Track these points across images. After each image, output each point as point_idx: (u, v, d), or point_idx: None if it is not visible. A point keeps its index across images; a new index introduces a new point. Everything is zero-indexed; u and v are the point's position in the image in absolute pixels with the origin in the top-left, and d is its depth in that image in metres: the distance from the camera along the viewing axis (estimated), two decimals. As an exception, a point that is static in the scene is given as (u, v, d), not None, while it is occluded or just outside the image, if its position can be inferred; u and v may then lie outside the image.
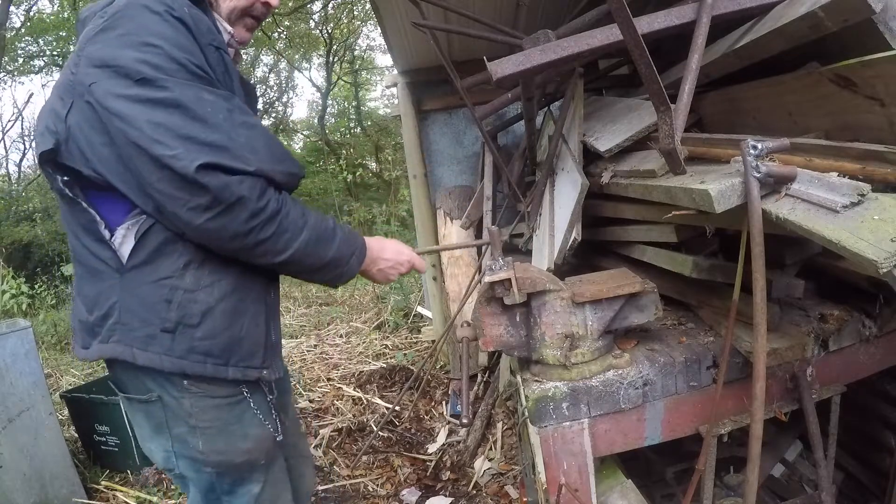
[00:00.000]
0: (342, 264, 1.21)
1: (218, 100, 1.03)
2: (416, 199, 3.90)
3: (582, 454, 1.39)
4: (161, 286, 1.08)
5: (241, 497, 1.22)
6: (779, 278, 1.44)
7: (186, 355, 1.09)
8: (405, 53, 3.42)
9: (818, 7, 1.22)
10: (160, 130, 0.96)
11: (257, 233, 1.05)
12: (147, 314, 1.08)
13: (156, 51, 0.99)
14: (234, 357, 1.14)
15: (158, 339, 1.08)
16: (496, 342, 1.46)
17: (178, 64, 1.01)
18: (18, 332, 2.48)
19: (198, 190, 0.98)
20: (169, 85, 0.98)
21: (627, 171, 1.68)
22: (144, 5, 1.03)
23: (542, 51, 1.58)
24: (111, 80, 0.99)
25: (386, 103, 16.31)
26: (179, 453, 1.17)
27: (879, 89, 1.14)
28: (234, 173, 1.00)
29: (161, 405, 1.14)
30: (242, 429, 1.19)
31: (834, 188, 1.02)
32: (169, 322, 1.07)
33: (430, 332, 4.55)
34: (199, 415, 1.13)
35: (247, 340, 1.16)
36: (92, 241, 1.10)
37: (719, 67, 1.65)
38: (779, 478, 1.89)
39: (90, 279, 1.12)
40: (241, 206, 1.01)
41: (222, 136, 1.00)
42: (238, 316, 1.15)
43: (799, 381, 1.41)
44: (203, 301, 1.10)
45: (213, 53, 1.09)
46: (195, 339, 1.09)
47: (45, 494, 2.47)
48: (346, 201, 10.89)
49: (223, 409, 1.16)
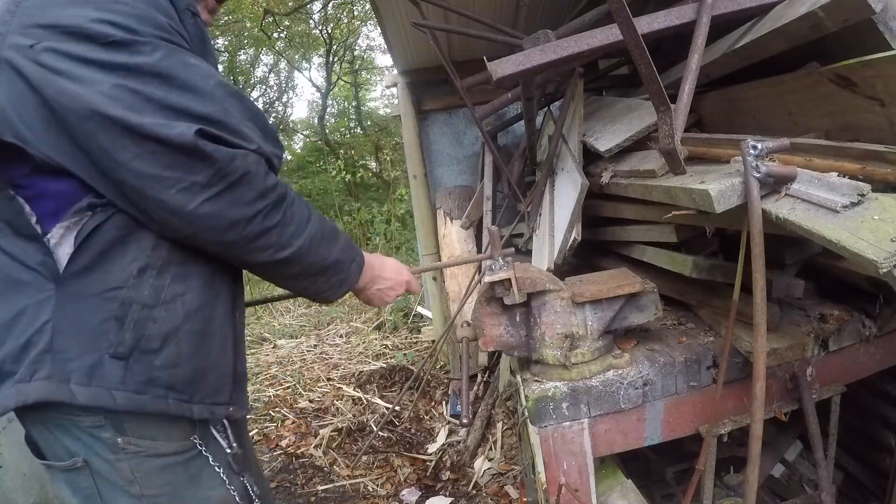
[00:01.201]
0: (344, 269, 1.04)
1: (206, 66, 0.86)
2: (416, 199, 3.90)
3: (582, 454, 1.39)
4: (110, 299, 0.83)
5: None
6: (779, 278, 1.44)
7: (145, 388, 0.85)
8: (405, 53, 3.42)
9: (818, 7, 1.22)
10: (138, 99, 0.76)
11: (262, 219, 0.86)
12: (91, 336, 0.83)
13: (125, 9, 0.80)
14: (200, 391, 0.91)
15: (106, 367, 0.83)
16: (496, 342, 1.46)
17: (153, 25, 0.81)
18: (18, 332, 2.48)
19: (197, 163, 0.79)
20: (145, 49, 0.78)
21: (627, 171, 1.68)
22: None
23: (542, 51, 1.58)
24: (64, 43, 0.76)
25: (386, 103, 16.31)
26: None
27: (879, 89, 1.14)
28: (236, 147, 0.83)
29: (89, 472, 0.87)
30: (201, 491, 0.94)
31: (834, 188, 1.02)
32: (122, 346, 0.83)
33: (430, 332, 4.56)
34: (143, 480, 0.88)
35: (213, 371, 0.94)
36: (14, 241, 0.85)
37: (719, 67, 1.65)
38: (779, 478, 1.89)
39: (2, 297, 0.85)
40: (246, 184, 0.83)
41: (217, 108, 0.82)
42: (206, 339, 0.92)
43: (799, 381, 1.41)
44: (164, 320, 0.86)
45: (190, 19, 0.92)
46: (154, 367, 0.86)
47: (45, 494, 2.47)
48: (346, 201, 10.88)
49: (174, 468, 0.91)
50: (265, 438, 3.25)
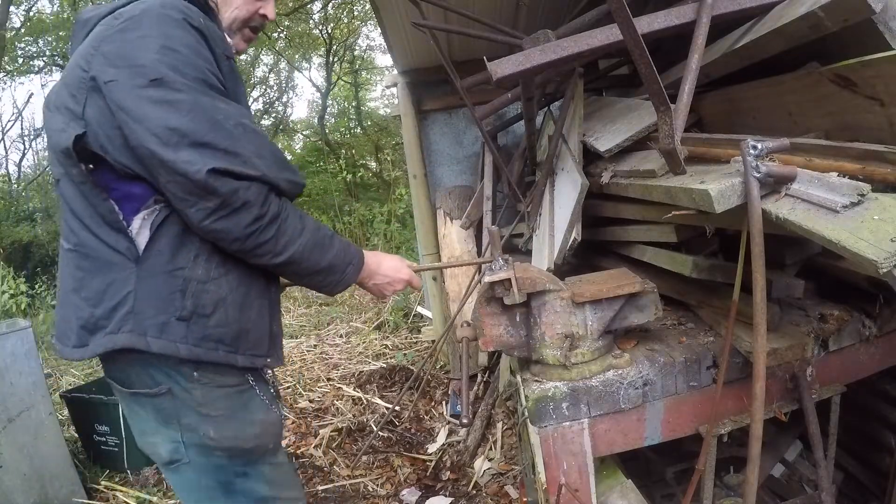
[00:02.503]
0: (338, 272, 1.26)
1: (230, 108, 1.08)
2: (415, 199, 3.90)
3: (582, 454, 1.39)
4: (175, 276, 1.11)
5: (253, 479, 1.25)
6: (779, 278, 1.44)
7: (200, 343, 1.13)
8: (405, 53, 3.42)
9: (818, 7, 1.22)
10: (173, 135, 1.00)
11: (258, 235, 1.10)
12: (162, 303, 1.10)
13: (176, 55, 1.04)
14: (242, 345, 1.19)
15: (173, 326, 1.11)
16: (496, 342, 1.46)
17: (196, 71, 1.06)
18: (18, 332, 2.48)
19: (207, 194, 1.02)
20: (185, 89, 1.02)
21: (627, 171, 1.68)
22: (164, 13, 1.07)
23: (542, 51, 1.58)
24: (129, 78, 1.02)
25: (386, 103, 16.30)
26: (189, 442, 1.18)
27: (879, 89, 1.14)
28: (242, 178, 1.05)
29: (171, 396, 1.16)
30: (250, 415, 1.23)
31: (834, 188, 1.02)
32: (184, 311, 1.11)
33: (430, 332, 4.56)
34: (209, 404, 1.17)
35: (253, 331, 1.21)
36: (108, 232, 1.12)
37: (719, 67, 1.65)
38: (779, 478, 1.89)
39: (98, 272, 1.13)
40: (245, 210, 1.06)
41: (233, 143, 1.05)
42: (245, 308, 1.19)
43: (799, 381, 1.41)
44: (214, 292, 1.14)
45: (225, 63, 1.16)
46: (208, 327, 1.13)
47: (44, 494, 2.47)
48: (346, 201, 10.88)
49: (231, 397, 1.20)
50: (265, 438, 3.25)
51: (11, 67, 13.53)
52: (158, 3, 1.09)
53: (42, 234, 10.42)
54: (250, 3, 1.32)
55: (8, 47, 12.44)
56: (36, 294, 7.38)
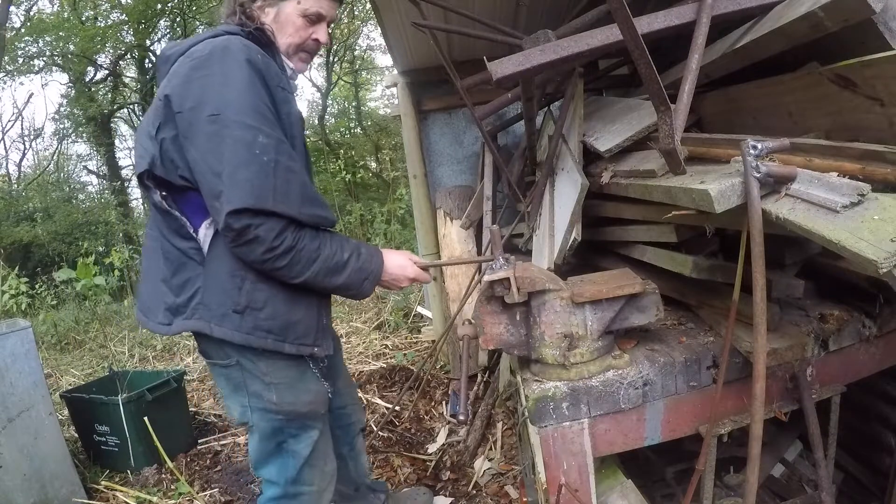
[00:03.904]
0: (354, 288, 1.45)
1: (270, 142, 1.25)
2: (415, 199, 3.90)
3: (582, 454, 1.39)
4: (234, 276, 1.34)
5: (303, 440, 1.52)
6: (779, 278, 1.44)
7: (252, 332, 1.35)
8: (405, 53, 3.42)
9: (818, 7, 1.22)
10: (216, 167, 1.22)
11: (272, 263, 1.29)
12: (223, 297, 1.34)
13: (232, 93, 1.23)
14: (290, 335, 1.40)
15: (230, 317, 1.34)
16: (496, 340, 1.46)
17: (248, 107, 1.23)
18: (18, 332, 2.48)
19: (226, 228, 1.24)
20: (231, 126, 1.21)
21: (627, 171, 1.68)
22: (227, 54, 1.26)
23: (542, 51, 1.58)
24: (193, 112, 1.23)
25: (386, 103, 16.31)
26: (254, 406, 1.45)
27: (879, 89, 1.14)
28: (259, 215, 1.23)
29: (240, 368, 1.41)
30: (305, 385, 1.49)
31: (834, 188, 1.02)
32: (239, 305, 1.34)
33: (430, 332, 4.56)
34: (272, 373, 1.42)
35: (302, 323, 1.42)
36: (181, 240, 1.37)
37: (719, 67, 1.65)
38: (779, 478, 1.89)
39: (178, 270, 1.38)
40: (258, 244, 1.25)
41: (262, 179, 1.22)
42: (294, 304, 1.40)
43: (799, 381, 1.41)
44: (265, 290, 1.35)
45: (280, 94, 1.33)
46: (259, 319, 1.35)
47: (44, 494, 2.47)
48: (346, 201, 10.87)
49: (291, 368, 1.45)
50: (265, 438, 3.26)
51: (12, 67, 13.53)
52: (222, 46, 1.27)
53: (42, 235, 10.42)
54: (303, 31, 1.48)
55: (8, 47, 12.44)
56: (36, 294, 7.38)
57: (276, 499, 1.54)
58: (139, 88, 15.29)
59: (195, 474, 2.90)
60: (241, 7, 1.41)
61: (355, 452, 1.96)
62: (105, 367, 4.42)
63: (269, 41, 1.41)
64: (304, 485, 1.54)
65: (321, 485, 1.60)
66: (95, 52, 13.71)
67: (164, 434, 2.72)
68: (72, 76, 14.64)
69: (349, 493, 1.97)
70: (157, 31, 14.46)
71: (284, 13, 1.45)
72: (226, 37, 1.30)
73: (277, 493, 1.53)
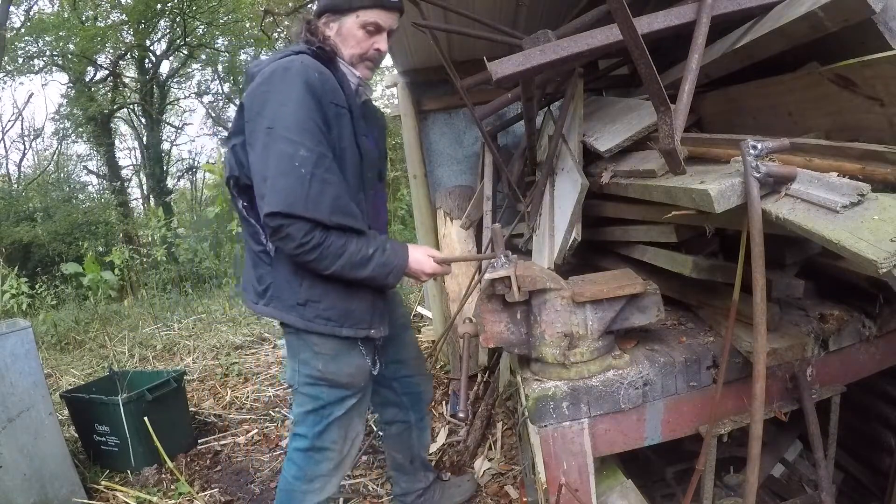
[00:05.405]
0: (379, 280, 1.59)
1: (310, 156, 1.41)
2: (416, 199, 3.89)
3: (582, 454, 1.39)
4: (296, 274, 1.57)
5: (342, 407, 1.69)
6: (779, 278, 1.44)
7: (313, 319, 1.59)
8: (405, 53, 3.42)
9: (818, 7, 1.22)
10: (264, 173, 1.42)
11: (303, 256, 1.47)
12: (289, 293, 1.58)
13: (286, 110, 1.40)
14: (347, 322, 1.62)
15: (296, 308, 1.58)
16: (497, 339, 1.46)
17: (295, 123, 1.40)
18: (18, 332, 2.48)
19: (271, 228, 1.44)
20: (278, 140, 1.39)
21: (627, 171, 1.68)
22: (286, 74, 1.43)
23: (542, 51, 1.58)
24: (255, 124, 1.44)
25: (386, 103, 16.27)
26: (301, 371, 1.65)
27: (879, 89, 1.14)
28: (291, 217, 1.39)
29: (297, 336, 1.64)
30: (349, 359, 1.66)
31: (834, 188, 1.02)
32: (301, 299, 1.57)
33: (430, 332, 4.55)
34: (322, 345, 1.62)
35: (356, 310, 1.63)
36: (255, 244, 1.63)
37: (719, 67, 1.65)
38: (779, 478, 1.89)
39: (255, 266, 1.65)
40: (289, 240, 1.43)
41: (299, 187, 1.39)
42: (348, 294, 1.60)
43: (799, 381, 1.41)
44: (321, 286, 1.57)
45: (333, 110, 1.48)
46: (319, 309, 1.58)
47: (44, 494, 2.47)
48: (346, 201, 10.85)
49: (339, 343, 1.64)
50: (265, 438, 3.26)
51: (12, 67, 13.54)
52: (284, 66, 1.44)
53: (42, 235, 10.43)
54: (364, 42, 1.61)
55: (8, 47, 12.44)
56: (36, 294, 7.39)
57: (303, 450, 1.72)
58: (139, 88, 15.29)
59: (195, 474, 2.90)
60: (307, 24, 1.58)
61: (423, 424, 2.15)
62: (105, 367, 4.42)
63: (331, 56, 1.56)
64: (329, 442, 1.71)
65: (344, 449, 1.76)
66: (95, 52, 13.72)
67: (164, 434, 2.72)
68: (72, 76, 14.65)
69: (404, 465, 2.16)
70: (156, 31, 14.47)
71: (346, 27, 1.59)
72: (290, 57, 1.47)
73: (305, 445, 1.72)
